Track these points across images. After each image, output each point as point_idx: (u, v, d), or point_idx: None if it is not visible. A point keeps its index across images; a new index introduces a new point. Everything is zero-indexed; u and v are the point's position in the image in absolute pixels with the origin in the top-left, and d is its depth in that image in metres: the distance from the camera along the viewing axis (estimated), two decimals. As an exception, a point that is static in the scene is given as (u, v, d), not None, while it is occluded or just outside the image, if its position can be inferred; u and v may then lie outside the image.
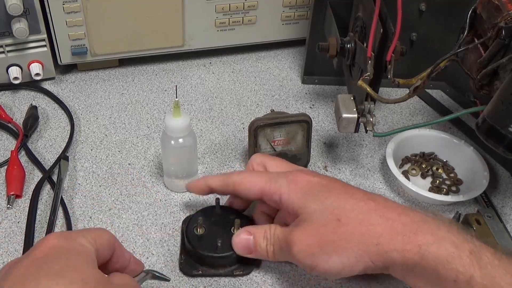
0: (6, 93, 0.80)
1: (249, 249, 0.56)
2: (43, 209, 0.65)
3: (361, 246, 0.49)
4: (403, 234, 0.48)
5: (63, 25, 0.77)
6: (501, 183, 0.72)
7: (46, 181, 0.67)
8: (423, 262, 0.47)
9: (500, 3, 0.56)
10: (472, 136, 0.75)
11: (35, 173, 0.69)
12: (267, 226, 0.56)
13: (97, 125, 0.76)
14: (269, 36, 0.89)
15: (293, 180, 0.55)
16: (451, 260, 0.46)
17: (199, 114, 0.79)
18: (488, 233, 0.61)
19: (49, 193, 0.67)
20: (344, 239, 0.50)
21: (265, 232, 0.55)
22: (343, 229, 0.50)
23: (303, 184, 0.54)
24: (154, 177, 0.69)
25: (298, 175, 0.56)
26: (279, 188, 0.55)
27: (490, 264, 0.46)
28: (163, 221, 0.64)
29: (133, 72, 0.86)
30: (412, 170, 0.72)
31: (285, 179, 0.55)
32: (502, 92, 0.53)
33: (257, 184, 0.56)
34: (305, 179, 0.55)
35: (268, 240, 0.55)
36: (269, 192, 0.55)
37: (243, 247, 0.56)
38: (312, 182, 0.54)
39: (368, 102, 0.64)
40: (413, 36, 0.79)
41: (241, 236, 0.56)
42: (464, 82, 0.65)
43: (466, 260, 0.46)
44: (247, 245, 0.56)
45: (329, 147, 0.75)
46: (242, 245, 0.56)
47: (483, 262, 0.46)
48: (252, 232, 0.56)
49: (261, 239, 0.55)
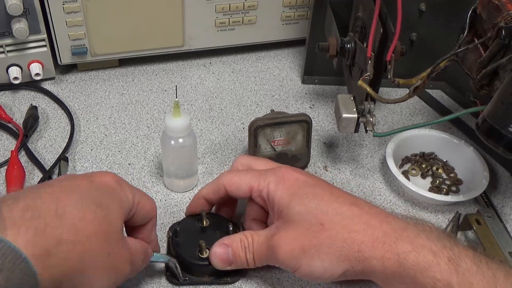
0: (6, 93, 0.80)
1: (229, 261, 0.55)
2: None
3: (343, 251, 0.50)
4: (384, 242, 0.49)
5: (63, 25, 0.77)
6: (501, 183, 0.72)
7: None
8: (402, 270, 0.48)
9: (500, 3, 0.56)
10: (472, 136, 0.75)
11: (35, 173, 0.69)
12: (241, 235, 0.55)
13: (97, 125, 0.76)
14: (269, 36, 0.89)
15: (282, 177, 0.55)
16: (428, 268, 0.47)
17: (199, 114, 0.79)
18: (488, 233, 0.61)
19: (49, 193, 0.67)
20: (326, 245, 0.50)
21: (241, 241, 0.54)
22: (326, 234, 0.50)
23: (291, 183, 0.54)
24: (154, 177, 0.69)
25: (287, 172, 0.56)
26: (267, 185, 0.55)
27: (468, 271, 0.46)
28: (163, 221, 0.64)
29: (133, 72, 0.86)
30: (412, 170, 0.72)
31: (274, 176, 0.55)
32: (502, 92, 0.53)
33: (246, 181, 0.56)
34: (294, 177, 0.55)
35: (246, 248, 0.54)
36: (257, 189, 0.55)
37: (222, 261, 0.55)
38: (300, 180, 0.55)
39: (368, 102, 0.64)
40: (413, 36, 0.79)
41: (218, 250, 0.55)
42: (464, 82, 0.65)
43: (444, 267, 0.47)
44: (227, 258, 0.55)
45: (329, 147, 0.75)
46: (220, 259, 0.55)
47: (461, 269, 0.47)
48: (228, 243, 0.55)
49: (239, 249, 0.54)
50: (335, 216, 0.51)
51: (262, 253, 0.54)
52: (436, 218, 0.67)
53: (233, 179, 0.57)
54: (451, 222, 0.63)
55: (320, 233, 0.50)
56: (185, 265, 0.57)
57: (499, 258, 0.59)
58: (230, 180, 0.57)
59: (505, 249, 0.59)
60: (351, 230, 0.50)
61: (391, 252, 0.48)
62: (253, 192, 0.56)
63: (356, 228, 0.50)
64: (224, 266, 0.55)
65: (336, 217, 0.51)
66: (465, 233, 0.65)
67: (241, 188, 0.56)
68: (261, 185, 0.55)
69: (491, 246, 0.60)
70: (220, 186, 0.58)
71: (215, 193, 0.58)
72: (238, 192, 0.57)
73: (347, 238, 0.50)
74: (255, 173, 0.57)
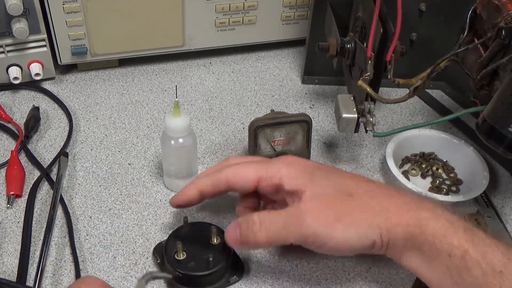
0: (6, 93, 0.80)
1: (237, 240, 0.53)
2: (43, 208, 0.65)
3: (375, 219, 0.50)
4: (408, 209, 0.50)
5: (63, 25, 0.77)
6: (501, 183, 0.72)
7: (45, 181, 0.68)
8: (422, 237, 0.49)
9: (500, 3, 0.56)
10: (472, 136, 0.75)
11: (35, 174, 0.69)
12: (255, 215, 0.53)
13: (97, 125, 0.76)
14: (269, 36, 0.89)
15: (292, 162, 0.55)
16: (447, 234, 0.48)
17: (199, 114, 0.79)
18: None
19: (49, 192, 0.67)
20: (359, 211, 0.51)
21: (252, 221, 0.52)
22: (356, 202, 0.51)
23: (303, 165, 0.54)
24: (154, 177, 0.69)
25: (295, 158, 0.56)
26: (278, 171, 0.53)
27: (483, 241, 0.48)
28: (163, 221, 0.64)
29: (133, 72, 0.86)
30: (412, 170, 0.72)
31: (283, 162, 0.55)
32: (502, 92, 0.53)
33: (253, 172, 0.54)
34: (303, 162, 0.55)
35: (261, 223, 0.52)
36: (266, 177, 0.54)
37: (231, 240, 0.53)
38: (310, 164, 0.55)
39: (368, 102, 0.64)
40: (413, 36, 0.79)
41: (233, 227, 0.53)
42: (464, 82, 0.65)
43: (461, 235, 0.48)
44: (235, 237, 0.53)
45: (329, 147, 0.75)
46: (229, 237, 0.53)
47: (476, 238, 0.48)
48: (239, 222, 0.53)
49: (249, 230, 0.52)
50: (359, 188, 0.52)
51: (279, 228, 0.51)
52: (436, 218, 0.67)
53: (239, 171, 0.55)
54: (451, 222, 0.63)
55: (351, 202, 0.51)
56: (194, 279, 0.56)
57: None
58: (235, 172, 0.55)
59: (505, 249, 0.59)
60: (377, 199, 0.52)
61: (414, 218, 0.49)
62: (262, 182, 0.54)
63: (380, 198, 0.52)
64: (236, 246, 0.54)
65: (360, 189, 0.52)
66: (465, 233, 0.65)
67: (249, 179, 0.54)
68: (271, 172, 0.53)
69: (491, 246, 0.60)
70: (222, 179, 0.55)
71: (215, 187, 0.56)
72: (244, 185, 0.55)
73: (376, 206, 0.51)
74: (259, 162, 0.55)
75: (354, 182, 0.53)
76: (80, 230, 0.63)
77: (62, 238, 0.62)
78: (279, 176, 0.53)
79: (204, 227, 0.59)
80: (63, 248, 0.61)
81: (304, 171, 0.54)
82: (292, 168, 0.54)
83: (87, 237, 0.62)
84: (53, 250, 0.61)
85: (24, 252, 0.59)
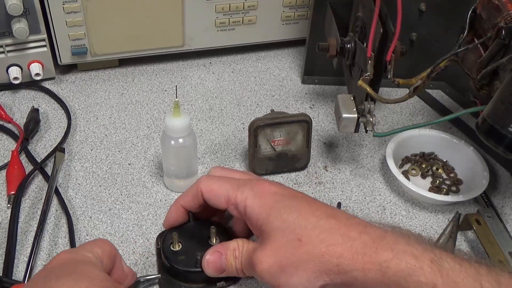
0: (6, 93, 0.80)
1: (222, 269, 0.54)
2: (39, 206, 0.64)
3: (321, 266, 0.49)
4: (364, 253, 0.48)
5: (63, 25, 0.77)
6: (501, 183, 0.72)
7: (42, 178, 0.68)
8: (385, 279, 0.47)
9: (500, 3, 0.56)
10: (472, 136, 0.75)
11: (35, 173, 0.69)
12: (235, 243, 0.54)
13: (97, 125, 0.76)
14: (269, 36, 0.89)
15: (259, 192, 0.54)
16: (412, 272, 0.46)
17: (199, 114, 0.79)
18: (488, 233, 0.61)
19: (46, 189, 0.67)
20: (304, 261, 0.49)
21: (234, 249, 0.54)
22: (303, 249, 0.50)
23: (268, 197, 0.53)
24: (154, 177, 0.69)
25: (264, 185, 0.54)
26: (244, 200, 0.53)
27: (452, 270, 0.46)
28: (163, 221, 0.64)
29: (133, 72, 0.86)
30: (412, 170, 0.72)
31: (251, 191, 0.54)
32: (502, 92, 0.53)
33: (224, 192, 0.55)
34: (271, 191, 0.54)
35: (237, 258, 0.54)
36: (234, 202, 0.54)
37: (215, 268, 0.54)
38: (277, 194, 0.54)
39: (368, 102, 0.64)
40: (413, 36, 0.79)
41: (212, 257, 0.54)
42: (464, 82, 0.65)
43: (428, 270, 0.46)
44: (220, 266, 0.54)
45: (329, 147, 0.75)
46: (214, 266, 0.54)
47: (444, 269, 0.46)
48: (222, 251, 0.54)
49: (232, 258, 0.54)
50: (312, 230, 0.50)
51: (247, 266, 0.53)
52: (436, 218, 0.67)
53: (212, 186, 0.55)
54: (451, 222, 0.63)
55: (298, 249, 0.50)
56: (181, 274, 0.56)
57: (499, 258, 0.59)
58: (209, 187, 0.55)
59: (505, 249, 0.59)
60: (329, 244, 0.49)
61: (372, 263, 0.48)
62: (230, 205, 0.55)
63: (334, 241, 0.49)
64: (217, 274, 0.55)
65: (313, 231, 0.50)
66: (465, 233, 0.65)
67: (219, 197, 0.55)
68: (238, 198, 0.54)
69: (491, 246, 0.60)
70: (198, 191, 0.56)
71: (194, 199, 0.57)
72: (216, 202, 0.55)
73: (325, 252, 0.49)
74: (234, 183, 0.55)
75: (311, 222, 0.51)
76: (80, 230, 0.63)
77: (62, 238, 0.62)
78: (244, 205, 0.53)
79: (208, 226, 0.59)
80: (64, 248, 0.61)
81: (265, 206, 0.53)
82: (257, 200, 0.53)
83: (87, 237, 0.62)
84: (53, 250, 0.61)
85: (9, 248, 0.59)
